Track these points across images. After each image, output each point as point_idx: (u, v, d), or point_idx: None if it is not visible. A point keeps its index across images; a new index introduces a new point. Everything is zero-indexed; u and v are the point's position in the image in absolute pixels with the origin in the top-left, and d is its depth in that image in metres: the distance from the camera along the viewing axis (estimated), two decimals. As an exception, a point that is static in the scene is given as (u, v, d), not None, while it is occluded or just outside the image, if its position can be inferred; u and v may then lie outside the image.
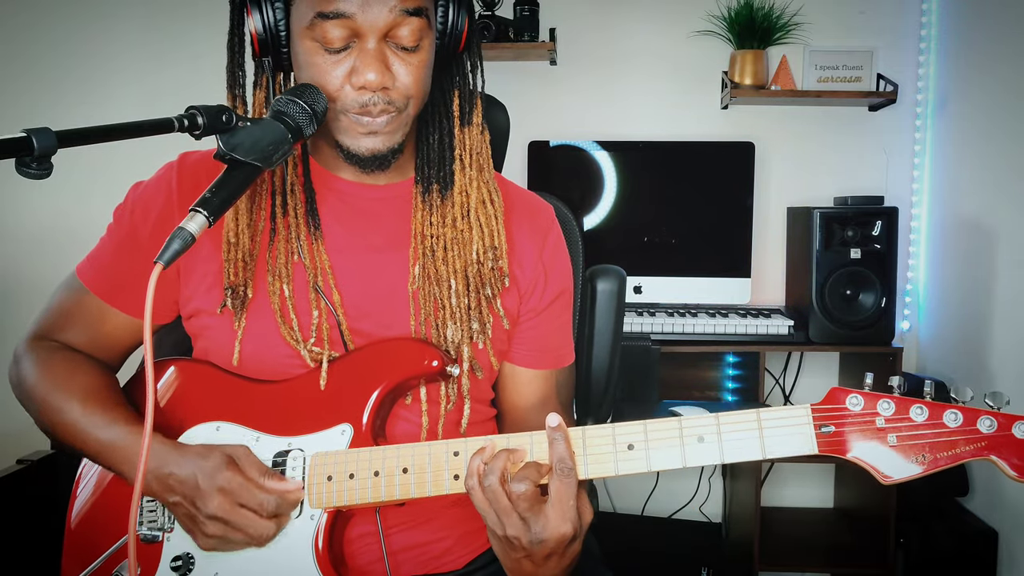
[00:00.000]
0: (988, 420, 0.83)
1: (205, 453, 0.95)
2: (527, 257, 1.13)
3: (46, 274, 1.28)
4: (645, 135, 2.73)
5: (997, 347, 2.31)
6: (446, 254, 1.06)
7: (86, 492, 1.08)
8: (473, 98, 1.09)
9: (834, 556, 2.51)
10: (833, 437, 0.85)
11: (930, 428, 0.83)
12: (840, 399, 0.86)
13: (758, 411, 0.88)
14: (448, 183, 1.08)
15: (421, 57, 0.99)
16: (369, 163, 1.02)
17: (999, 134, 2.33)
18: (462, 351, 1.06)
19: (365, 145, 1.00)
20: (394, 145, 1.02)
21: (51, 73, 2.80)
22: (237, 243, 1.03)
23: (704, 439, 0.88)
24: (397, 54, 0.98)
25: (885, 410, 0.85)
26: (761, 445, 0.87)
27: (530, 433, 0.92)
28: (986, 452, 0.82)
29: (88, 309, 1.08)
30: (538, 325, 1.14)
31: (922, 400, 0.84)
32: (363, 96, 0.97)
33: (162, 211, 1.05)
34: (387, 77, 0.96)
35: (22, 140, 0.69)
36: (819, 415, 0.86)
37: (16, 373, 1.07)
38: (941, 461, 0.83)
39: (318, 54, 0.97)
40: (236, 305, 1.03)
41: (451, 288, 1.05)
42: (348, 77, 0.97)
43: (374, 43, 0.96)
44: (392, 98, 0.98)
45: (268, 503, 0.93)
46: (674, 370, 2.70)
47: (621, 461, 0.89)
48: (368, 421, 0.99)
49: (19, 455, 1.75)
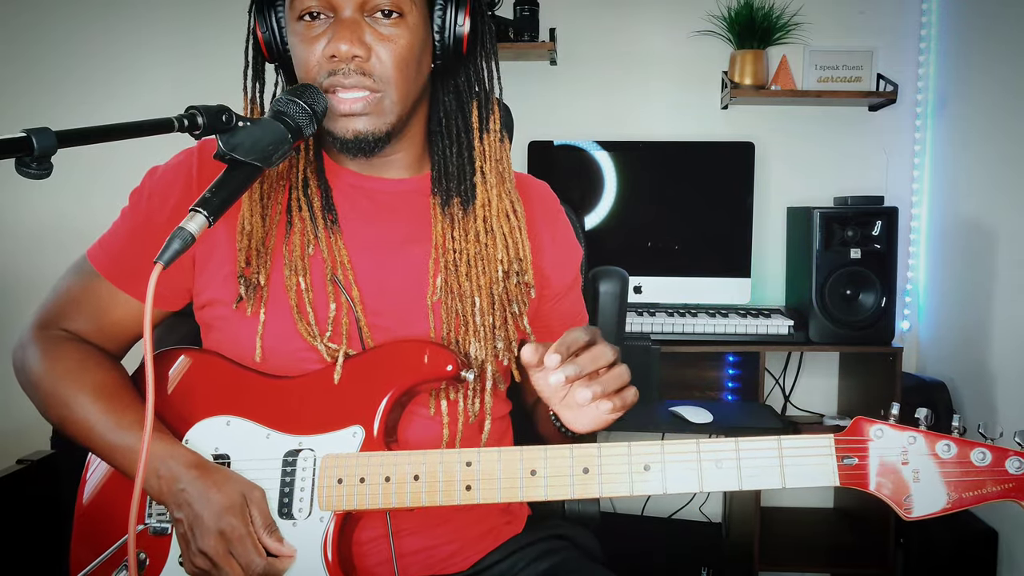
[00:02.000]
0: (1017, 461, 0.79)
1: (222, 483, 0.94)
2: (545, 247, 1.13)
3: (46, 273, 1.27)
4: (645, 135, 2.73)
5: (997, 347, 2.31)
6: (470, 269, 1.05)
7: (97, 476, 1.08)
8: (490, 104, 1.08)
9: (834, 556, 2.51)
10: (855, 469, 0.83)
11: (956, 466, 0.80)
12: (864, 430, 0.83)
13: (779, 439, 0.85)
14: (470, 196, 1.07)
15: (402, 33, 0.98)
16: (354, 147, 1.01)
17: (999, 134, 2.33)
18: (485, 369, 1.05)
19: (348, 127, 1.00)
20: (377, 131, 1.01)
21: (52, 73, 2.79)
22: (251, 232, 1.03)
23: (722, 464, 0.86)
24: (376, 30, 0.98)
25: (910, 444, 0.82)
26: (781, 474, 0.84)
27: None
28: (1014, 495, 0.79)
29: (97, 294, 1.07)
30: (559, 305, 1.16)
31: (950, 436, 0.81)
32: (336, 66, 0.97)
33: (181, 197, 1.04)
34: (360, 48, 0.96)
35: (22, 140, 0.69)
36: (842, 446, 0.83)
37: (21, 359, 1.06)
38: (967, 500, 0.80)
39: (301, 43, 0.99)
40: (250, 295, 1.02)
41: (475, 306, 1.04)
42: (325, 52, 0.98)
43: (350, 13, 0.96)
44: (368, 71, 0.97)
45: (256, 566, 0.92)
46: (674, 370, 2.70)
47: (636, 482, 0.88)
48: (380, 424, 0.98)
49: (19, 455, 1.74)
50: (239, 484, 0.95)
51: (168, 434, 1.00)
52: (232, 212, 1.01)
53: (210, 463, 0.98)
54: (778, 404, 2.74)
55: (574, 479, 0.90)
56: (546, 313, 1.16)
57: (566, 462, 0.90)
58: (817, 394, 2.78)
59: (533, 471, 0.91)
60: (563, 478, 0.90)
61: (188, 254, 0.95)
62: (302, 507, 0.96)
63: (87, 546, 1.04)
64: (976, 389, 2.40)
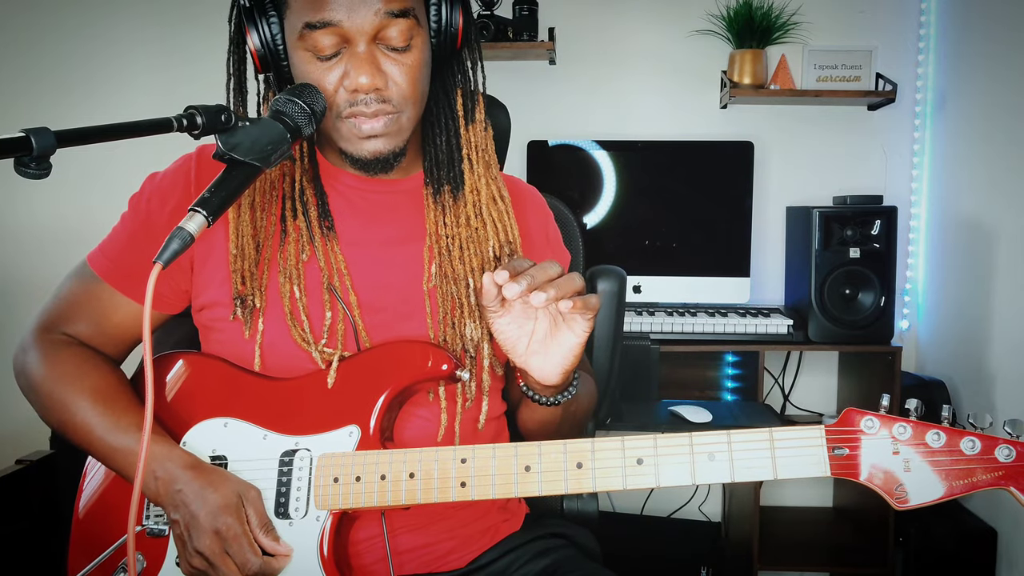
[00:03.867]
0: (1007, 449, 0.80)
1: (218, 483, 0.94)
2: (538, 242, 1.15)
3: (46, 274, 1.28)
4: (644, 134, 2.73)
5: (996, 346, 2.31)
6: (462, 253, 1.07)
7: (94, 484, 1.08)
8: (475, 95, 1.10)
9: (834, 555, 2.51)
10: (846, 460, 0.84)
11: (947, 455, 0.81)
12: (855, 421, 0.84)
13: (771, 430, 0.86)
14: (459, 183, 1.09)
15: (414, 56, 1.00)
16: (372, 166, 1.04)
17: (998, 133, 2.33)
18: (482, 348, 1.06)
19: (367, 148, 1.01)
20: (396, 148, 1.03)
21: (52, 73, 2.79)
22: (243, 255, 1.03)
23: (715, 457, 0.87)
24: (388, 55, 0.99)
25: (901, 434, 0.83)
26: (773, 465, 0.85)
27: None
28: (1003, 482, 0.80)
29: (98, 298, 1.07)
30: None
31: (939, 426, 0.82)
32: (356, 98, 0.98)
33: (180, 201, 1.05)
34: (379, 78, 0.97)
35: (21, 140, 0.69)
36: (833, 436, 0.84)
37: (22, 363, 1.06)
38: (957, 489, 0.81)
39: (311, 63, 0.98)
40: (245, 316, 1.03)
41: (469, 286, 1.06)
42: (341, 82, 0.98)
43: (364, 46, 0.97)
44: (387, 97, 0.99)
45: (252, 564, 0.92)
46: (673, 369, 2.70)
47: (630, 476, 0.88)
48: (376, 423, 0.98)
49: (18, 455, 1.74)
50: (235, 484, 0.95)
51: (166, 436, 1.00)
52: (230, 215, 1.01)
53: (206, 464, 0.98)
54: (777, 403, 2.74)
55: (568, 474, 0.90)
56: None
57: (560, 457, 0.91)
58: (816, 393, 2.78)
59: (527, 467, 0.91)
60: (557, 473, 0.90)
61: (186, 255, 0.95)
62: (298, 506, 0.97)
63: (84, 551, 1.04)
64: (975, 388, 2.40)
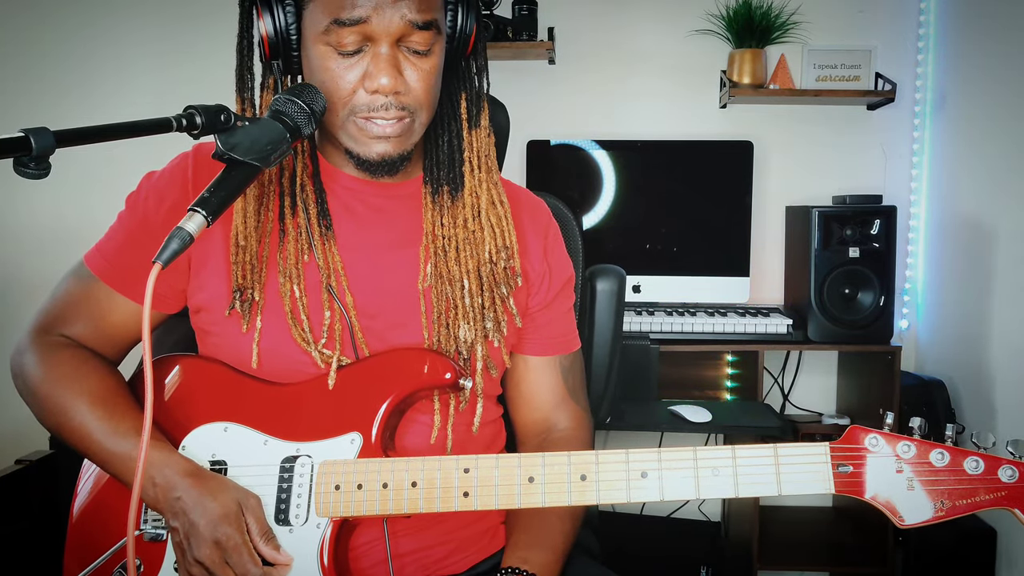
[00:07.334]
0: (1010, 470, 0.80)
1: (218, 491, 0.94)
2: (534, 253, 1.14)
3: (46, 274, 1.27)
4: (644, 134, 2.73)
5: (996, 345, 2.31)
6: (458, 254, 1.07)
7: (88, 489, 1.08)
8: (480, 100, 1.10)
9: (833, 555, 2.51)
10: (850, 477, 0.84)
11: (950, 474, 0.81)
12: (859, 439, 0.84)
13: (775, 447, 0.86)
14: (459, 185, 1.09)
15: (432, 62, 1.00)
16: (379, 168, 1.03)
17: (998, 133, 2.33)
18: (476, 350, 1.06)
19: (376, 150, 1.01)
20: (404, 151, 1.02)
21: (52, 73, 2.79)
22: (246, 246, 1.03)
23: (719, 472, 0.87)
24: (409, 59, 0.98)
25: (905, 453, 0.83)
26: (777, 481, 0.86)
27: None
28: (1006, 503, 0.80)
29: (96, 298, 1.06)
30: (546, 315, 1.16)
31: (943, 445, 0.83)
32: (376, 99, 0.97)
33: (177, 200, 1.04)
34: (399, 82, 0.97)
35: (20, 140, 0.69)
36: (837, 454, 0.85)
37: (19, 365, 1.06)
38: (960, 508, 0.81)
39: (331, 58, 0.97)
40: (244, 309, 1.02)
41: (464, 287, 1.06)
42: (361, 81, 0.98)
43: (387, 48, 0.96)
44: (404, 103, 0.99)
45: (252, 574, 0.91)
46: (673, 369, 2.70)
47: (634, 489, 0.89)
48: (378, 431, 0.98)
49: (18, 455, 1.74)
50: (235, 492, 0.95)
51: (165, 441, 1.00)
52: (228, 215, 1.01)
53: (206, 471, 0.97)
54: (777, 403, 2.74)
55: (571, 486, 0.90)
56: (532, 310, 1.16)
57: (564, 469, 0.91)
58: (816, 393, 2.78)
59: (531, 478, 0.91)
60: (561, 485, 0.90)
61: (184, 256, 0.95)
62: (299, 514, 0.96)
63: (80, 555, 1.04)
64: (975, 387, 2.40)
